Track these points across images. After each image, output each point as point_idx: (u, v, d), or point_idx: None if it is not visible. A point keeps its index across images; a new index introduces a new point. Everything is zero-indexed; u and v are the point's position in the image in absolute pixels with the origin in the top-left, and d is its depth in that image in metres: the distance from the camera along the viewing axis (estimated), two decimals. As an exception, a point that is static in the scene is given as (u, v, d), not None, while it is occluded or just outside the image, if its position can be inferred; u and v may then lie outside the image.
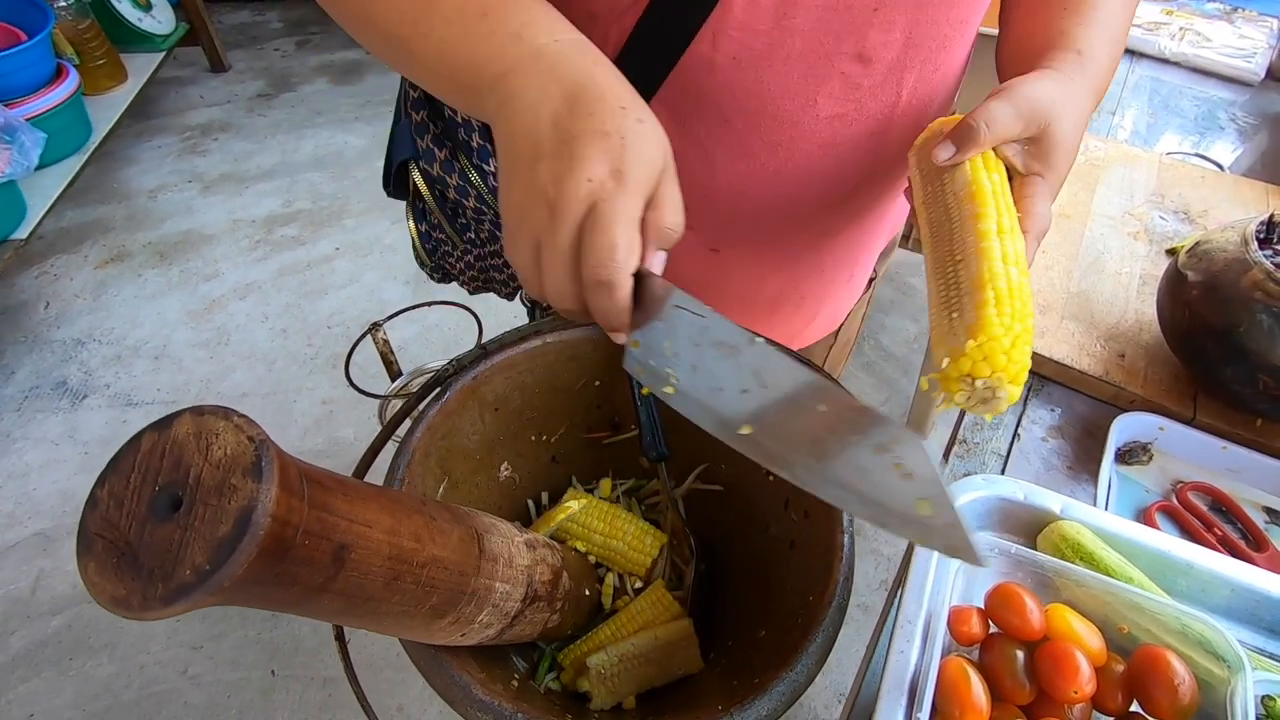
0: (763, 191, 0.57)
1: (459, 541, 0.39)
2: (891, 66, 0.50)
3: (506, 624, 0.44)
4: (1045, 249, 0.81)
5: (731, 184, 0.56)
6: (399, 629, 0.37)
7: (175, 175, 2.34)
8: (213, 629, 1.36)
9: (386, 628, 0.36)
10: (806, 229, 0.62)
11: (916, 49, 0.50)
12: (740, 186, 0.56)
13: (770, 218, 0.59)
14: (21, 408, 1.71)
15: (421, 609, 0.36)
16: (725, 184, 0.56)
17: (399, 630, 0.38)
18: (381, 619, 0.35)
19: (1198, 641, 0.39)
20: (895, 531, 0.29)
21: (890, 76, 0.50)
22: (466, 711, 0.40)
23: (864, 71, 0.49)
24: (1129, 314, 0.74)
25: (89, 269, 2.04)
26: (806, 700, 1.30)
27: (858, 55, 0.48)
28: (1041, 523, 0.46)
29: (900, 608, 0.43)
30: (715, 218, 0.59)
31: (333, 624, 0.48)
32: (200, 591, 0.23)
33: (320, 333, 1.89)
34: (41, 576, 1.43)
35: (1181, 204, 0.87)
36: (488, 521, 0.44)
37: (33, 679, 1.30)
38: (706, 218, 0.59)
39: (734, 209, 0.58)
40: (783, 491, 0.56)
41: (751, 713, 0.40)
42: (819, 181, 0.56)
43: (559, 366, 0.59)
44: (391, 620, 0.35)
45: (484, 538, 0.41)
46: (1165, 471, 0.63)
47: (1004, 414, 0.69)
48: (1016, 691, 0.39)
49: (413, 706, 1.27)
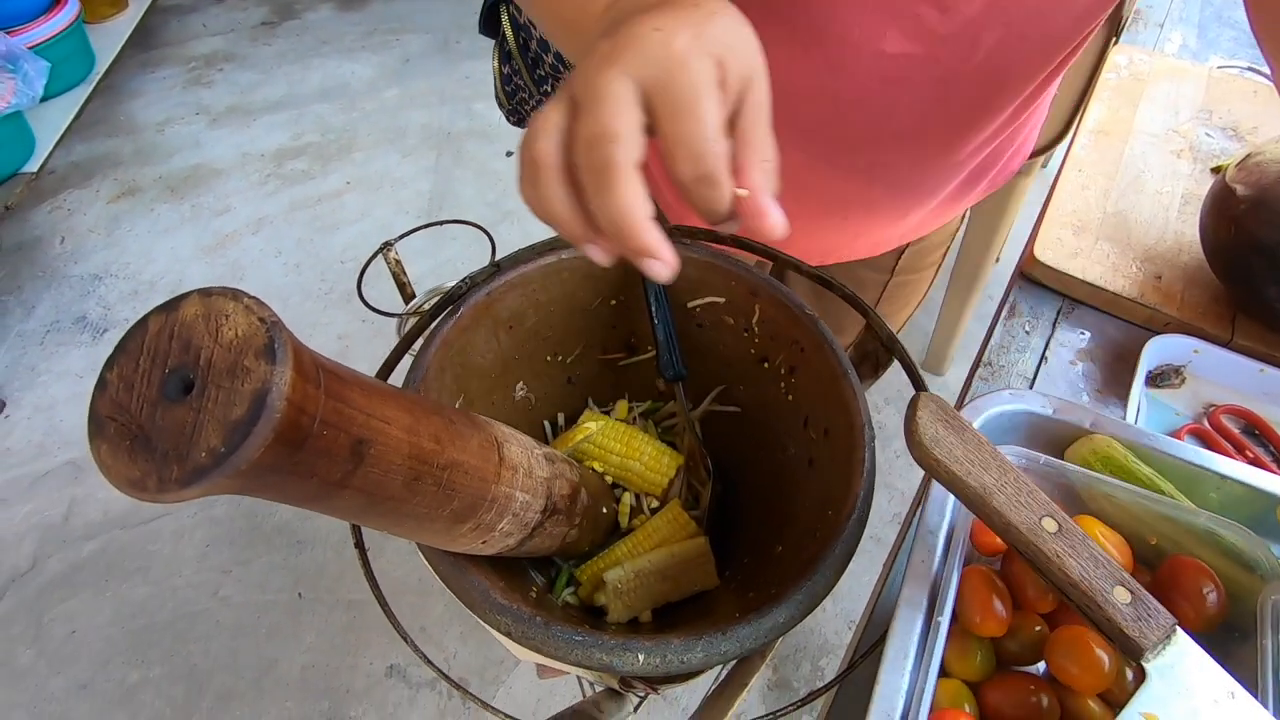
0: (816, 108, 0.55)
1: (479, 447, 0.38)
2: (971, 20, 0.47)
3: (526, 535, 0.44)
4: (1081, 168, 0.78)
5: (787, 91, 0.54)
6: (421, 533, 0.37)
7: (182, 108, 2.30)
8: (240, 554, 1.41)
9: (409, 530, 0.36)
10: (858, 154, 0.60)
11: (1003, 10, 0.47)
12: (796, 97, 0.54)
13: (823, 135, 0.58)
14: (44, 342, 1.73)
15: (442, 512, 0.36)
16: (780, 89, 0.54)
17: (421, 534, 0.38)
18: (403, 520, 0.34)
19: (1229, 551, 0.38)
20: None
21: (968, 29, 0.48)
22: (486, 615, 0.40)
23: (940, 18, 0.47)
24: (1168, 234, 0.71)
25: (101, 204, 2.03)
26: (816, 626, 1.33)
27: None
28: (1070, 438, 0.45)
29: (921, 519, 0.42)
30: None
31: (354, 537, 0.48)
32: (217, 474, 0.23)
33: (333, 268, 1.88)
34: (74, 503, 1.47)
35: (1230, 120, 0.82)
36: (507, 431, 0.43)
37: (71, 599, 1.36)
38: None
39: (787, 117, 0.57)
40: (802, 410, 0.55)
41: (769, 620, 0.40)
42: (876, 113, 0.55)
43: (575, 284, 0.58)
44: (413, 523, 0.35)
45: (503, 446, 0.41)
46: (1197, 395, 0.62)
47: (1031, 336, 0.67)
48: (1038, 600, 0.39)
49: (434, 628, 1.32)
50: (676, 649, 0.38)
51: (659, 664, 0.37)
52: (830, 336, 0.50)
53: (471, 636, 1.30)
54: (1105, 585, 0.33)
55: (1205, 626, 0.37)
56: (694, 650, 0.38)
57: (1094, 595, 0.33)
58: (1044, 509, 0.35)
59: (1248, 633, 0.37)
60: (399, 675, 1.27)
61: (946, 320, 1.56)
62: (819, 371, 0.51)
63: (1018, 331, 0.68)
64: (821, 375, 0.51)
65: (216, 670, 1.28)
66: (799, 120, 0.56)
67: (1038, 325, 0.68)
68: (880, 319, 0.53)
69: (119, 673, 1.28)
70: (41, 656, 1.29)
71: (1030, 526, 0.35)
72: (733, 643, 0.38)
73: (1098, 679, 0.36)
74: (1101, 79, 0.88)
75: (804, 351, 0.53)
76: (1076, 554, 0.34)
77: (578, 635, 0.38)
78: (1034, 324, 0.68)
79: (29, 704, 1.24)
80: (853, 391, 0.48)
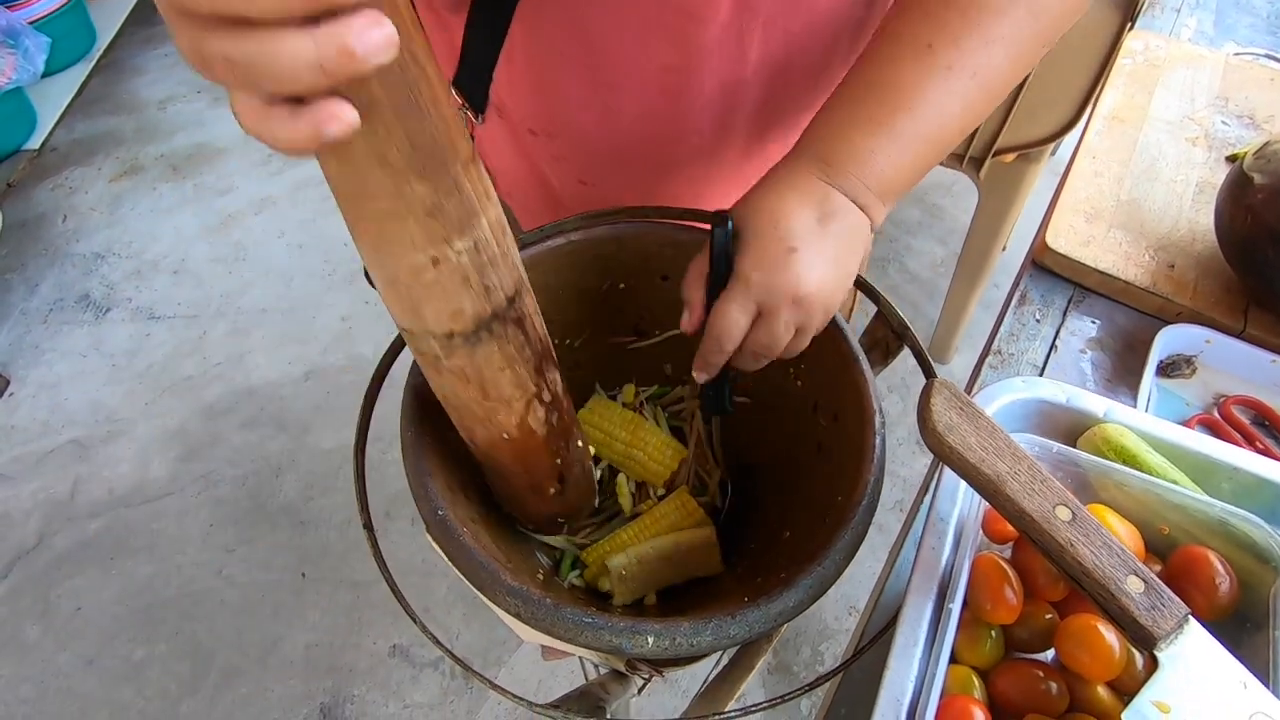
0: (613, 129, 0.55)
1: (449, 101, 0.31)
2: (726, 26, 0.47)
3: (478, 318, 0.36)
4: (1095, 155, 0.77)
5: (586, 116, 0.55)
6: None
7: (184, 86, 2.28)
8: (244, 534, 1.41)
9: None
10: (670, 174, 0.59)
11: (753, 12, 0.46)
12: (593, 120, 0.54)
13: (629, 157, 0.57)
14: (48, 320, 1.73)
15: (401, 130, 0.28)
16: (580, 116, 0.55)
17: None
18: None
19: (1241, 542, 0.38)
20: None
21: (727, 35, 0.47)
22: (496, 597, 0.40)
23: (697, 29, 0.46)
24: (1182, 223, 0.70)
25: (103, 182, 2.02)
26: (817, 611, 1.33)
27: (684, 10, 0.45)
28: (1083, 426, 0.45)
29: (933, 506, 0.42)
30: (578, 149, 0.58)
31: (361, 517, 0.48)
32: None
33: (337, 250, 1.87)
34: (79, 481, 1.48)
35: (1247, 108, 0.81)
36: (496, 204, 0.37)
37: (77, 576, 1.36)
38: (572, 148, 0.58)
39: (591, 142, 0.57)
40: (811, 396, 0.55)
41: (778, 605, 0.40)
42: (668, 128, 0.54)
43: (583, 267, 0.57)
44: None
45: (489, 196, 0.35)
46: (1208, 385, 0.61)
47: (1041, 325, 0.67)
48: (1048, 588, 0.39)
49: (438, 609, 1.33)
50: (686, 632, 0.38)
51: (668, 647, 0.38)
52: (841, 321, 0.50)
53: (475, 618, 1.31)
54: (1119, 574, 0.33)
55: (1217, 616, 0.37)
56: (703, 634, 0.38)
57: (1107, 584, 0.33)
58: (1058, 497, 0.35)
59: (1259, 623, 0.37)
60: (402, 655, 1.28)
61: (952, 308, 1.55)
62: (829, 357, 0.51)
63: (1028, 320, 0.67)
64: (831, 361, 0.51)
65: (221, 648, 1.29)
66: (601, 146, 0.57)
67: (1048, 314, 0.68)
68: (891, 305, 0.52)
69: (125, 649, 1.29)
70: (48, 632, 1.30)
71: (1044, 514, 0.35)
72: (741, 626, 0.38)
73: (1108, 667, 0.36)
74: (1116, 65, 0.87)
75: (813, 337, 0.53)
76: (1090, 542, 0.34)
77: (587, 617, 0.38)
78: (1044, 312, 0.68)
79: (37, 678, 1.26)
80: (864, 377, 0.48)
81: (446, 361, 0.38)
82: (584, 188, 0.62)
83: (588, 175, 0.61)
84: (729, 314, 0.42)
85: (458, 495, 0.47)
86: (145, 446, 1.53)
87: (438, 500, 0.43)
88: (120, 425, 1.56)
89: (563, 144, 0.58)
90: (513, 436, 0.44)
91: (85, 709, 1.23)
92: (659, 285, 0.59)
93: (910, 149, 0.41)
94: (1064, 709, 0.37)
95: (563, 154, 0.59)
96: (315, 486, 1.47)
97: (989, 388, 0.46)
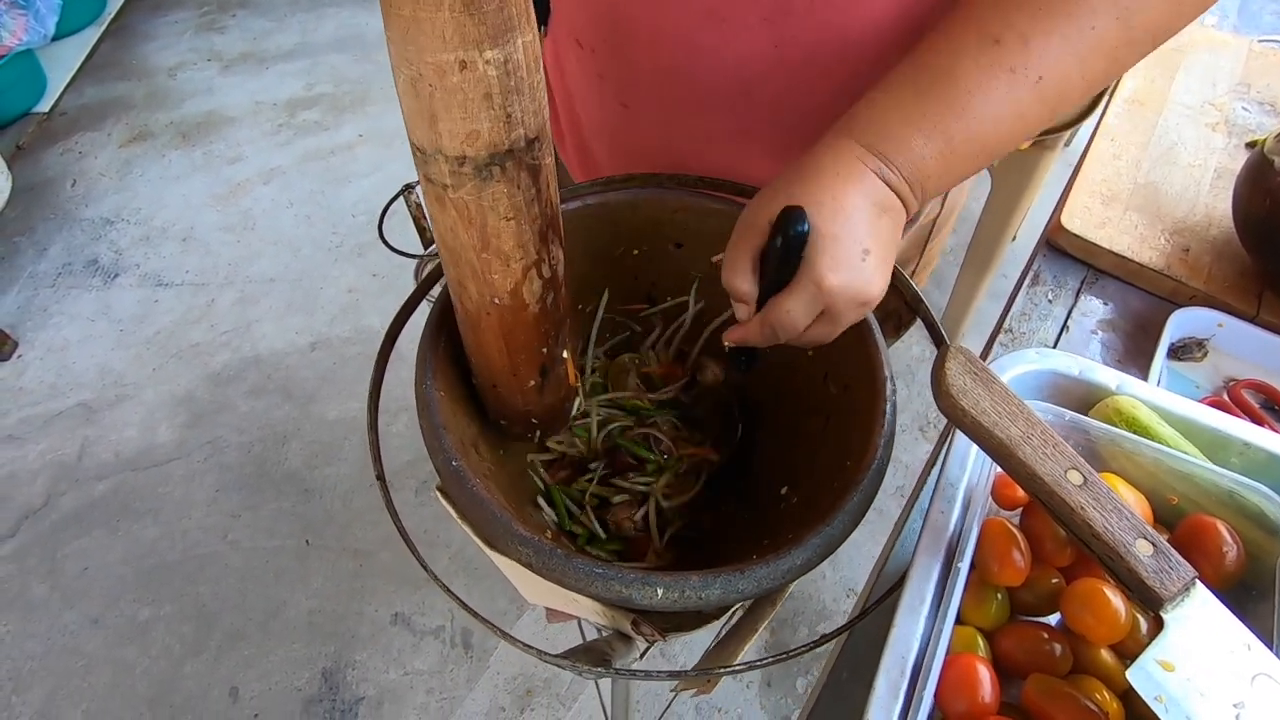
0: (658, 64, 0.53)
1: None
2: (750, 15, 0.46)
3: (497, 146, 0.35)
4: (1114, 137, 0.76)
5: (634, 43, 0.53)
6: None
7: (194, 53, 2.27)
8: (249, 500, 1.42)
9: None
10: (710, 112, 0.57)
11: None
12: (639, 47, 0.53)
13: (671, 85, 0.55)
14: (56, 283, 1.74)
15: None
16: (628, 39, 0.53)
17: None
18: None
19: (1249, 513, 0.38)
20: None
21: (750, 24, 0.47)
22: (508, 548, 0.41)
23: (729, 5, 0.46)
24: (1199, 207, 0.70)
25: (113, 148, 2.01)
26: (814, 592, 1.34)
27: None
28: (1094, 399, 0.45)
29: (943, 471, 0.42)
30: (622, 70, 0.56)
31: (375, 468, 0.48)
32: None
33: (345, 221, 1.87)
34: (86, 444, 1.49)
35: (1269, 95, 0.80)
36: None
37: (83, 537, 1.38)
38: (615, 67, 0.56)
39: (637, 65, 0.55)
40: (822, 365, 0.55)
41: (786, 562, 0.40)
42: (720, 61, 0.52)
43: (597, 231, 0.57)
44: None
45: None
46: (1219, 369, 0.61)
47: (1053, 305, 0.67)
48: (1056, 554, 0.39)
49: (442, 576, 1.34)
50: (695, 585, 0.38)
51: (677, 599, 0.38)
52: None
53: (476, 587, 1.32)
54: (1128, 537, 0.34)
55: (1223, 584, 0.37)
56: (712, 587, 0.38)
57: (1116, 547, 0.34)
58: (1070, 461, 0.35)
59: (1265, 593, 0.37)
60: (403, 623, 1.29)
61: (960, 296, 1.55)
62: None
63: (1040, 299, 0.67)
64: (847, 332, 0.51)
65: (225, 610, 1.30)
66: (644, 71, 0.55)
67: (1060, 294, 0.67)
68: (906, 277, 0.52)
69: (130, 609, 1.30)
70: (55, 591, 1.32)
71: (1055, 478, 0.35)
72: (750, 581, 0.38)
73: (1112, 630, 0.36)
74: (1139, 48, 0.86)
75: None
76: (1100, 506, 0.34)
77: (598, 568, 0.38)
78: (1057, 293, 0.68)
79: (44, 635, 1.27)
80: (876, 345, 0.48)
81: (453, 193, 0.37)
82: (625, 111, 0.59)
83: (630, 97, 0.58)
84: (794, 311, 0.39)
85: (469, 451, 0.47)
86: (152, 411, 1.54)
87: (451, 452, 0.43)
88: (127, 390, 1.57)
89: (607, 59, 0.56)
90: (504, 303, 0.43)
91: (90, 666, 1.25)
92: (671, 253, 0.59)
93: (959, 159, 0.39)
94: (1067, 670, 0.38)
95: (607, 71, 0.57)
96: (320, 455, 1.48)
97: (1002, 358, 0.46)
